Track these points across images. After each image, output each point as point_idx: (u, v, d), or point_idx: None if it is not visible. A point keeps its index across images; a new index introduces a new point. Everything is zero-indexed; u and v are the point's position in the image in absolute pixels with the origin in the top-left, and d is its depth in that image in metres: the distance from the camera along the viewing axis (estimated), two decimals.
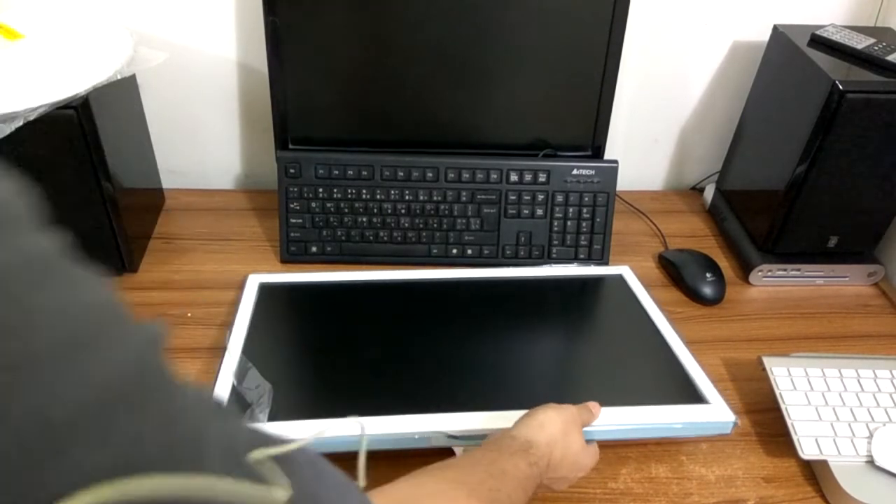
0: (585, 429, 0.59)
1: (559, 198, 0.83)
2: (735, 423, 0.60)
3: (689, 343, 0.69)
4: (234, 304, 0.73)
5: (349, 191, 0.82)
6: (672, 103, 0.98)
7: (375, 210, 0.83)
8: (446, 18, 0.80)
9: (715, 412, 0.61)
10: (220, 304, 0.76)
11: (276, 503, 0.23)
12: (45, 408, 0.18)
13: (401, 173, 0.82)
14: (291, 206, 0.82)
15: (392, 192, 0.82)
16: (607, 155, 0.88)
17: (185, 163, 0.97)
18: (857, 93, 0.71)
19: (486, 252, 0.84)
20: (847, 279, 0.86)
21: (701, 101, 0.98)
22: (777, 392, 0.64)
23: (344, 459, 0.62)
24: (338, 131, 0.86)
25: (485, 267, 0.83)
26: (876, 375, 0.67)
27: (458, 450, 0.60)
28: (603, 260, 0.85)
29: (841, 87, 0.71)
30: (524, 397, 0.62)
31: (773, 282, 0.85)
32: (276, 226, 0.83)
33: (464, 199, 0.83)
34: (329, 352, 0.68)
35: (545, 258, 0.85)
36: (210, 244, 0.86)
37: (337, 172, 0.82)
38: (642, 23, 0.89)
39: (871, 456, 0.60)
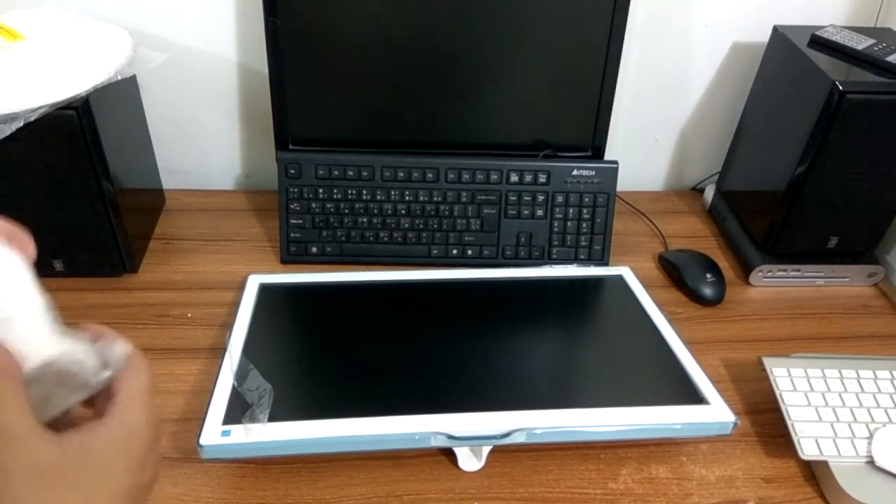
0: (583, 428, 0.60)
1: (559, 198, 0.83)
2: (735, 424, 0.60)
3: (689, 343, 0.69)
4: (235, 305, 0.73)
5: (349, 191, 0.82)
6: (672, 103, 0.99)
7: (375, 210, 0.83)
8: (446, 18, 0.80)
9: (715, 412, 0.61)
10: (220, 305, 0.76)
11: None
12: None
13: (401, 173, 0.82)
14: (291, 206, 0.82)
15: (392, 192, 0.82)
16: (607, 155, 0.88)
17: (185, 163, 0.97)
18: (857, 93, 0.71)
19: (486, 252, 0.84)
20: (847, 279, 0.86)
21: (701, 101, 0.98)
22: (777, 392, 0.64)
23: (341, 460, 0.63)
24: (338, 131, 0.86)
25: (485, 267, 0.83)
26: (876, 376, 0.67)
27: (458, 450, 0.60)
28: (603, 260, 0.85)
29: (841, 88, 0.71)
30: (524, 398, 0.62)
31: (773, 282, 0.85)
32: (276, 226, 0.84)
33: (464, 199, 0.83)
34: (329, 352, 0.68)
35: (545, 259, 0.85)
36: (210, 244, 0.86)
37: (337, 173, 0.82)
38: (642, 23, 0.90)
39: (871, 456, 0.60)
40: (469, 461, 0.61)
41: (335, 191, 0.82)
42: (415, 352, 0.68)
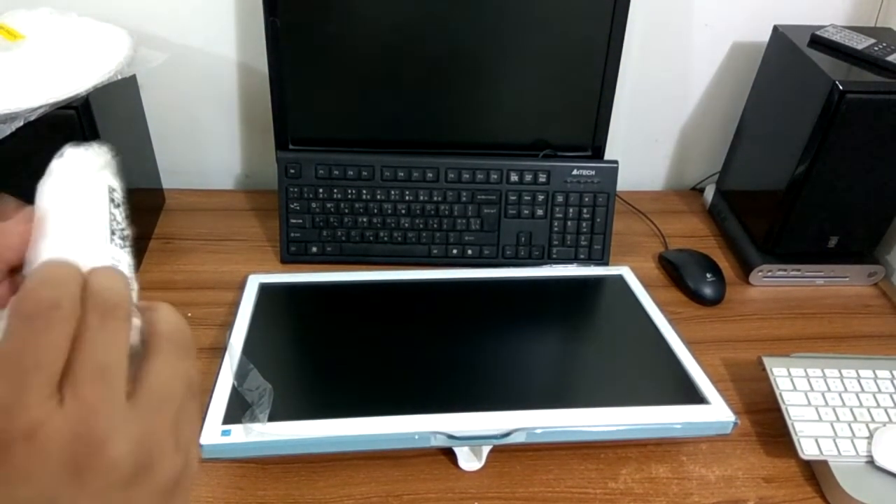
0: (583, 428, 0.60)
1: (559, 198, 0.83)
2: (735, 424, 0.60)
3: (689, 343, 0.69)
4: (235, 305, 0.73)
5: (349, 191, 0.82)
6: (672, 103, 0.99)
7: (375, 210, 0.83)
8: (446, 19, 0.80)
9: (715, 412, 0.61)
10: (220, 305, 0.76)
11: None
12: None
13: (401, 173, 0.82)
14: (291, 206, 0.82)
15: (392, 192, 0.82)
16: (607, 155, 0.88)
17: (185, 163, 0.97)
18: (857, 93, 0.71)
19: (486, 252, 0.84)
20: (847, 279, 0.86)
21: (701, 101, 0.98)
22: (777, 392, 0.64)
23: (341, 459, 0.63)
24: (338, 131, 0.86)
25: (485, 267, 0.83)
26: (876, 375, 0.67)
27: (458, 450, 0.60)
28: (603, 260, 0.85)
29: (841, 88, 0.71)
30: (524, 397, 0.62)
31: (773, 282, 0.85)
32: (276, 226, 0.83)
33: (464, 199, 0.83)
34: (329, 352, 0.68)
35: (545, 258, 0.85)
36: (210, 244, 0.86)
37: (337, 172, 0.82)
38: (642, 23, 0.89)
39: (871, 456, 0.60)
40: (469, 461, 0.61)
41: (335, 190, 0.82)
42: (415, 351, 0.68)
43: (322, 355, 0.68)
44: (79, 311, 0.26)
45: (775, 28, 0.84)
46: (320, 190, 0.82)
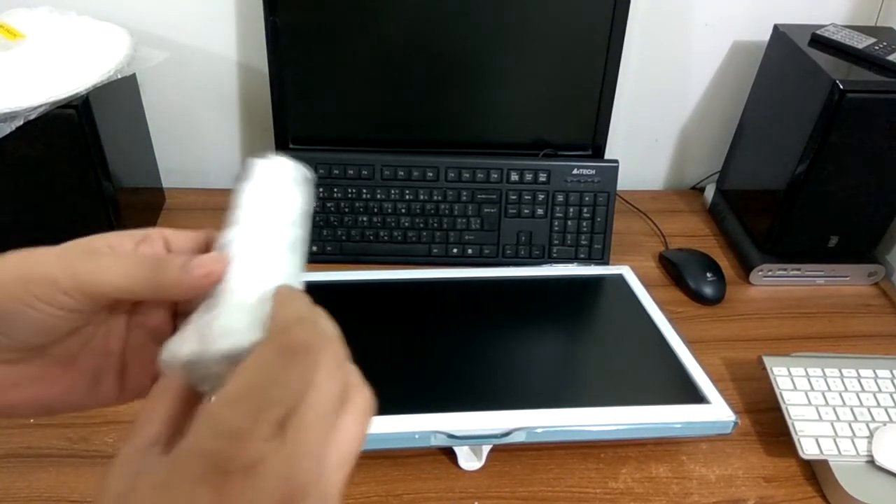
0: (583, 428, 0.59)
1: (559, 197, 0.83)
2: (735, 423, 0.60)
3: (689, 343, 0.69)
4: None
5: (349, 190, 0.82)
6: (672, 103, 0.98)
7: (375, 210, 0.83)
8: (446, 18, 0.80)
9: (715, 412, 0.61)
10: None
11: None
12: None
13: (401, 173, 0.82)
14: None
15: (392, 191, 0.82)
16: (607, 154, 0.88)
17: (185, 162, 0.97)
18: (858, 92, 0.71)
19: (486, 252, 0.84)
20: (847, 279, 0.86)
21: (701, 101, 0.98)
22: (777, 392, 0.64)
23: None
24: (338, 131, 0.86)
25: (485, 267, 0.83)
26: (876, 375, 0.67)
27: (458, 449, 0.60)
28: (603, 260, 0.85)
29: (841, 87, 0.71)
30: (524, 397, 0.62)
31: (773, 281, 0.85)
32: None
33: (464, 198, 0.83)
34: None
35: (545, 258, 0.85)
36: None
37: (337, 172, 0.82)
38: (642, 23, 0.89)
39: (871, 456, 0.60)
40: (469, 460, 0.61)
41: (335, 190, 0.82)
42: (414, 351, 0.68)
43: None
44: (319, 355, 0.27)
45: (776, 27, 0.84)
46: (320, 189, 0.82)
